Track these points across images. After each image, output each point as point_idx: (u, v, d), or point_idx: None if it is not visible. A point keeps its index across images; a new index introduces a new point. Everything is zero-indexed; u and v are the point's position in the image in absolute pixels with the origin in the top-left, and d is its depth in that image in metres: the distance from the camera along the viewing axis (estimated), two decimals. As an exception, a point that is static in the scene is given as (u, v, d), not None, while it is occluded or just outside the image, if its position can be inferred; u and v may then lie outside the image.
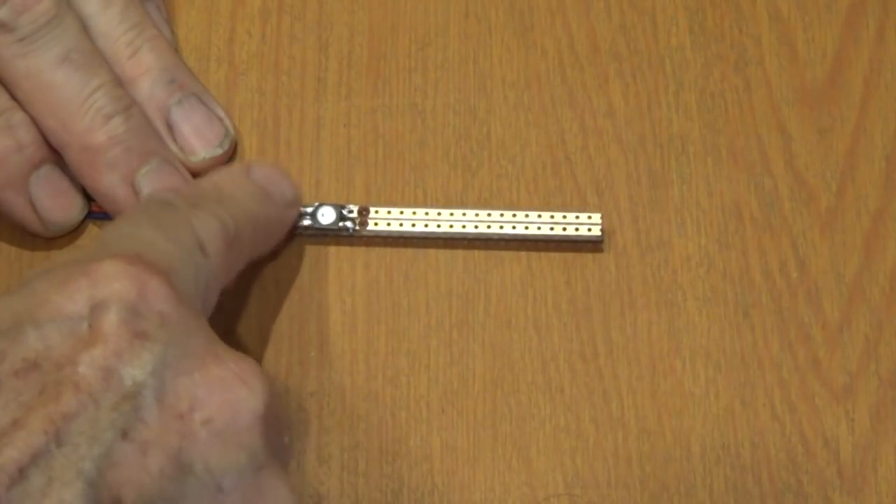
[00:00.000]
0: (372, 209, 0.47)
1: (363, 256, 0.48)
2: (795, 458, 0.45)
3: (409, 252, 0.48)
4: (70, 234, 0.48)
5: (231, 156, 0.49)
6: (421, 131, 0.49)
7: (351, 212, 0.47)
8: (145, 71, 0.47)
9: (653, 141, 0.49)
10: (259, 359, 0.46)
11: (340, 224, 0.47)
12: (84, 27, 0.47)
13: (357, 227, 0.47)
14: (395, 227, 0.47)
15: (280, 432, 0.38)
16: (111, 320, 0.35)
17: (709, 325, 0.47)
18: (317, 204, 0.47)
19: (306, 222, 0.47)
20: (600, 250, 0.48)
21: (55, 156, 0.46)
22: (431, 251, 0.48)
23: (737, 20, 0.51)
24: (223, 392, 0.36)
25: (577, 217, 0.47)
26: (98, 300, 0.35)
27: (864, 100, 0.50)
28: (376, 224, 0.47)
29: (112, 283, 0.36)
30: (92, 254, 0.38)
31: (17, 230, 0.48)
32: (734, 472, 0.45)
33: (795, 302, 0.47)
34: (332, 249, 0.48)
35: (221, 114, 0.48)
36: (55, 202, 0.47)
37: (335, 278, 0.47)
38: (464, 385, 0.46)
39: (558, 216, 0.47)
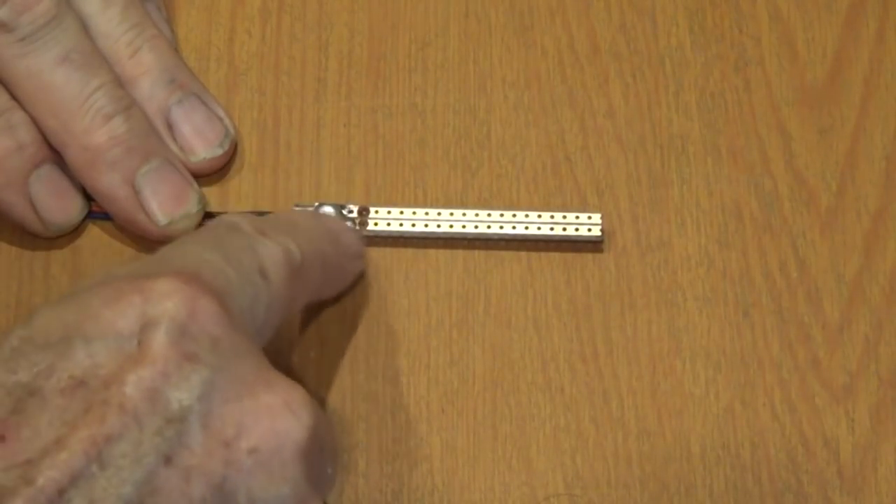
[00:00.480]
0: (372, 209, 0.47)
1: (363, 256, 0.48)
2: (795, 458, 0.45)
3: (409, 252, 0.48)
4: (70, 234, 0.48)
5: (231, 156, 0.49)
6: (421, 131, 0.49)
7: (351, 212, 0.47)
8: (145, 71, 0.47)
9: (653, 141, 0.49)
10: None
11: (340, 224, 0.47)
12: (84, 27, 0.47)
13: (357, 227, 0.47)
14: (394, 227, 0.47)
15: (324, 462, 0.37)
16: (161, 340, 0.34)
17: (709, 325, 0.47)
18: (317, 203, 0.47)
19: (306, 222, 0.47)
20: (600, 250, 0.48)
21: (55, 156, 0.46)
22: (431, 251, 0.48)
23: (737, 20, 0.51)
24: (270, 421, 0.35)
25: (577, 217, 0.47)
26: (149, 318, 0.35)
27: (864, 100, 0.50)
28: (376, 224, 0.47)
29: (164, 301, 0.35)
30: (149, 268, 0.37)
31: (17, 230, 0.48)
32: (734, 472, 0.45)
33: (795, 302, 0.47)
34: (332, 249, 0.48)
35: (221, 113, 0.48)
36: (55, 202, 0.47)
37: (335, 278, 0.47)
38: (464, 385, 0.46)
39: (558, 216, 0.47)
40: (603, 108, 0.50)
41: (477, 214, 0.47)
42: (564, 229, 0.47)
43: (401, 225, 0.47)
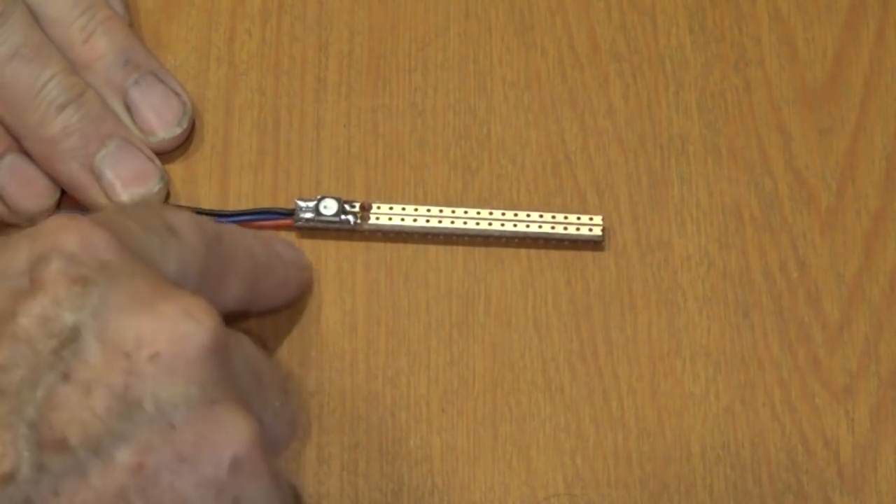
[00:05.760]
0: (374, 205, 0.47)
1: (363, 256, 0.48)
2: (795, 458, 0.45)
3: (409, 251, 0.48)
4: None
5: (190, 131, 0.48)
6: (421, 131, 0.49)
7: (354, 206, 0.47)
8: (101, 55, 0.47)
9: (653, 141, 0.49)
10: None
11: (342, 216, 0.47)
12: (33, 17, 0.47)
13: (359, 221, 0.47)
14: (396, 221, 0.47)
15: (247, 374, 0.37)
16: (51, 270, 0.35)
17: (709, 325, 0.47)
18: (319, 196, 0.47)
19: (308, 215, 0.47)
20: (601, 250, 0.48)
21: (20, 145, 0.47)
22: (431, 250, 0.48)
23: (737, 20, 0.51)
24: (170, 327, 0.35)
25: (579, 219, 0.47)
26: (38, 255, 0.35)
27: (864, 100, 0.50)
28: (378, 219, 0.47)
29: (52, 237, 0.36)
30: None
31: (2, 225, 0.48)
32: (734, 472, 0.45)
33: (795, 302, 0.47)
34: (333, 247, 0.48)
35: (179, 88, 0.48)
36: (23, 190, 0.47)
37: (335, 278, 0.47)
38: (464, 385, 0.46)
39: (559, 217, 0.47)
40: (603, 108, 0.50)
41: (479, 213, 0.47)
42: (566, 228, 0.47)
43: (402, 220, 0.47)
